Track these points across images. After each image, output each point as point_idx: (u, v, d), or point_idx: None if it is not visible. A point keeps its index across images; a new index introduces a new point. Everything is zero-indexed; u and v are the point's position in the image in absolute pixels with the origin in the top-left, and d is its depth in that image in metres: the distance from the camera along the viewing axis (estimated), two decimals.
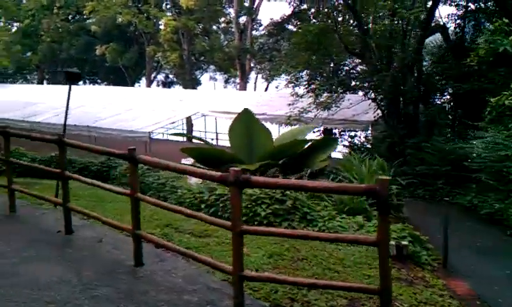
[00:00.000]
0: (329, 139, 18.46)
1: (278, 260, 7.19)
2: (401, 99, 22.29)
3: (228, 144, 16.00)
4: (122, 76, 47.21)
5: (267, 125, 30.40)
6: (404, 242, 8.05)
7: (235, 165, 12.35)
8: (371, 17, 23.67)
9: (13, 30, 47.31)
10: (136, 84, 50.01)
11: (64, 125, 10.18)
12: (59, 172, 7.80)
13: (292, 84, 26.63)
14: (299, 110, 23.89)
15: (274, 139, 15.47)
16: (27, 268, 6.48)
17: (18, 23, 48.05)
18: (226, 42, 46.20)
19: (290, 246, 7.74)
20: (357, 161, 13.53)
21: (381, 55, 22.72)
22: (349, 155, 15.18)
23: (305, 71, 26.58)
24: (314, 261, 7.28)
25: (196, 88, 44.57)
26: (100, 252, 7.10)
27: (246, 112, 14.97)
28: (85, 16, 46.89)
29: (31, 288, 5.80)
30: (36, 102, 35.31)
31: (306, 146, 14.64)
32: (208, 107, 31.73)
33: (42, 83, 50.26)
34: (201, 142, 19.49)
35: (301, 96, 25.01)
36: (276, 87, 32.12)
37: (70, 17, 49.03)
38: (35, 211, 9.27)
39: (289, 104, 24.47)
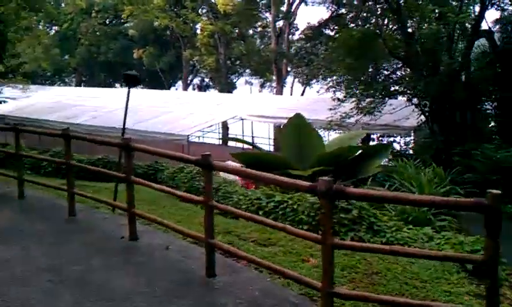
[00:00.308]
0: (382, 146, 18.10)
1: (352, 273, 6.89)
2: (447, 105, 21.73)
3: (267, 148, 15.78)
4: (158, 79, 47.51)
5: None
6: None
7: (287, 171, 12.12)
8: (414, 20, 23.19)
9: (51, 33, 48.12)
10: (172, 88, 50.29)
11: (123, 128, 10.10)
12: (124, 176, 7.66)
13: (333, 89, 26.27)
14: (340, 115, 23.52)
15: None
16: (98, 276, 6.35)
17: (56, 27, 48.84)
18: (262, 46, 46.09)
19: (360, 258, 7.44)
20: (413, 169, 13.13)
21: (427, 60, 22.21)
22: (401, 162, 14.74)
23: (345, 76, 26.21)
24: (389, 275, 6.96)
25: (231, 92, 44.56)
26: (169, 261, 6.92)
27: (298, 116, 14.73)
28: (122, 20, 47.36)
29: (106, 299, 5.65)
30: (75, 104, 35.70)
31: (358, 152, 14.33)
32: (246, 111, 31.56)
33: (80, 85, 50.96)
34: (238, 145, 19.26)
35: (343, 101, 24.64)
36: (317, 92, 31.77)
37: (107, 21, 49.61)
38: (94, 215, 9.18)
39: (330, 109, 24.11)
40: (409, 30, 22.50)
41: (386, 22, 26.11)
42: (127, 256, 7.06)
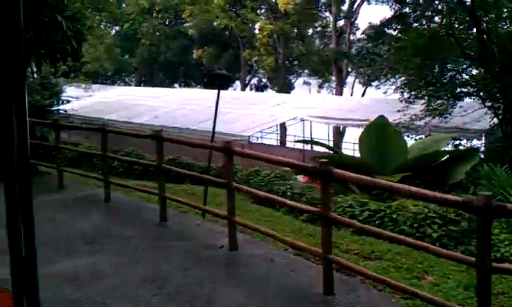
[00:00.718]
0: (469, 150, 17.21)
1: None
2: None
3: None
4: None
5: None
6: None
7: (372, 176, 11.50)
8: (489, 18, 22.09)
9: (112, 33, 48.97)
10: (229, 88, 50.21)
11: (213, 131, 9.77)
12: (225, 182, 7.27)
13: (401, 90, 25.40)
14: (410, 118, 22.67)
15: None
16: (205, 290, 5.94)
17: (117, 27, 49.66)
18: (322, 46, 45.43)
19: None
20: (503, 174, 12.28)
21: (504, 61, 21.07)
22: (487, 167, 13.85)
23: (411, 76, 25.29)
24: None
25: (289, 92, 44.04)
26: (276, 275, 6.43)
27: (381, 119, 14.09)
28: (182, 20, 47.70)
29: None
30: (136, 104, 36.05)
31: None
32: (306, 112, 30.99)
33: (139, 85, 51.61)
34: (297, 147, 18.69)
35: (412, 102, 23.77)
36: (384, 93, 30.86)
37: (168, 21, 50.10)
38: (186, 221, 8.81)
39: (398, 111, 23.26)
40: (484, 29, 21.44)
41: (454, 21, 25.08)
42: (230, 268, 6.63)
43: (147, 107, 34.58)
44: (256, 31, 41.76)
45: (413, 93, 24.06)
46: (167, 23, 49.91)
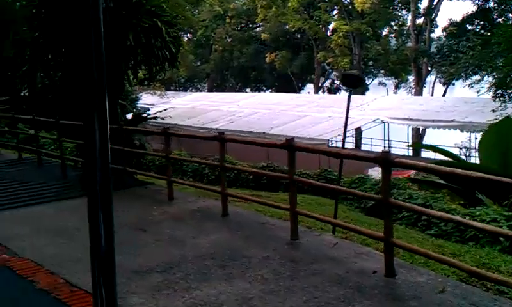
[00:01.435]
0: None
1: None
2: None
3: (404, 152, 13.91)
4: (288, 83, 47.06)
5: (457, 132, 27.77)
6: None
7: None
8: None
9: (184, 40, 49.56)
10: (301, 91, 49.65)
11: (344, 137, 9.08)
12: (381, 197, 6.25)
13: (494, 88, 23.96)
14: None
15: None
16: None
17: (189, 34, 50.16)
18: (398, 45, 43.95)
19: None
20: None
21: None
22: None
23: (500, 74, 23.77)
24: None
25: (364, 94, 42.87)
26: None
27: (507, 120, 12.90)
28: (255, 25, 47.61)
29: None
30: (211, 109, 35.97)
31: None
32: (386, 114, 29.76)
33: (211, 91, 51.97)
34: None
35: (507, 101, 22.34)
36: (477, 92, 29.25)
37: (240, 26, 50.15)
38: (318, 238, 7.63)
39: (493, 110, 21.87)
40: None
41: None
42: (398, 301, 5.50)
43: (222, 113, 34.47)
44: (329, 32, 40.91)
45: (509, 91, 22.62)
46: (239, 28, 49.95)
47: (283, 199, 10.39)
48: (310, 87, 49.43)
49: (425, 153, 28.95)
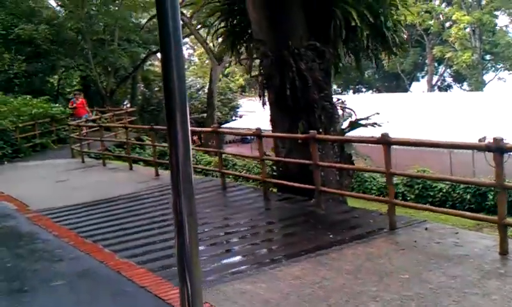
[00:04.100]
0: None
1: None
2: None
3: None
4: (396, 82, 44.26)
5: None
6: None
7: None
8: None
9: None
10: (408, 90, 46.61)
11: None
12: None
13: None
14: None
15: None
16: None
17: None
18: None
19: None
20: None
21: None
22: None
23: None
24: None
25: (482, 90, 39.39)
26: None
27: None
28: None
29: None
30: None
31: None
32: None
33: None
34: None
35: None
36: None
37: None
38: None
39: None
40: None
41: None
42: None
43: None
44: (447, 25, 37.78)
45: None
46: None
47: None
48: (419, 85, 46.06)
49: None
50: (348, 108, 10.41)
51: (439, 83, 46.95)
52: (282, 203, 9.28)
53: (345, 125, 10.50)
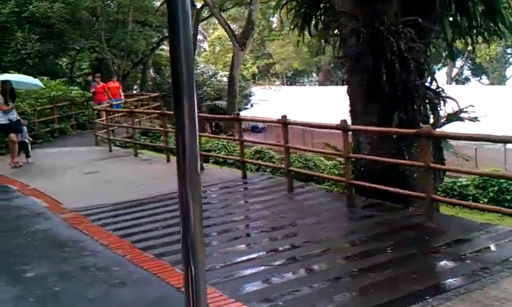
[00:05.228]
0: None
1: None
2: None
3: None
4: None
5: None
6: None
7: None
8: None
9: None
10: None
11: None
12: None
13: None
14: None
15: None
16: None
17: None
18: None
19: None
20: None
21: None
22: None
23: None
24: None
25: (505, 84, 38.22)
26: None
27: None
28: None
29: None
30: (332, 104, 32.07)
31: None
32: None
33: (323, 85, 48.51)
34: None
35: None
36: None
37: None
38: None
39: None
40: None
41: None
42: None
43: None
44: None
45: None
46: None
47: None
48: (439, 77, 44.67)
49: None
50: (449, 97, 9.00)
51: (457, 76, 45.75)
52: (371, 210, 7.56)
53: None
